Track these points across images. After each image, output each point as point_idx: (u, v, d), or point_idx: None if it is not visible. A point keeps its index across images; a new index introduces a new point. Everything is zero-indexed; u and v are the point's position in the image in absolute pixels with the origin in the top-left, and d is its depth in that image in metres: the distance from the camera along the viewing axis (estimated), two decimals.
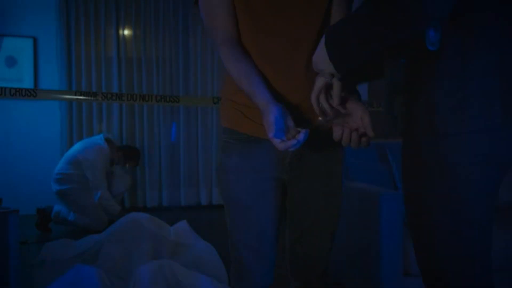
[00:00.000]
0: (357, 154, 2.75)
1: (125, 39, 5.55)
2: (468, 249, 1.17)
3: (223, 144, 1.44)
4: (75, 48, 5.29)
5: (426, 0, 0.99)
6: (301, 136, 1.16)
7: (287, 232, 1.50)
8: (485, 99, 1.07)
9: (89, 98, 3.76)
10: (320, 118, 1.25)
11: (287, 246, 1.51)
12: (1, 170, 4.95)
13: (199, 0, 1.38)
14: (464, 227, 1.16)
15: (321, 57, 1.19)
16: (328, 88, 1.24)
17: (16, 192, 4.38)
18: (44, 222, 4.30)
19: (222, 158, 1.43)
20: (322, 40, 1.19)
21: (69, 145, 4.97)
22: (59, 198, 4.34)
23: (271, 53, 1.34)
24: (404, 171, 1.24)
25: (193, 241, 3.41)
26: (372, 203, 2.40)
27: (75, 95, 3.91)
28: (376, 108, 3.95)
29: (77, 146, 4.49)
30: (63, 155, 4.62)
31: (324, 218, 1.44)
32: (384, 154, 2.82)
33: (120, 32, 5.49)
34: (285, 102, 1.30)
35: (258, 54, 1.34)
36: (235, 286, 1.48)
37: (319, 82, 1.22)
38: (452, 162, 1.11)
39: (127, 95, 4.22)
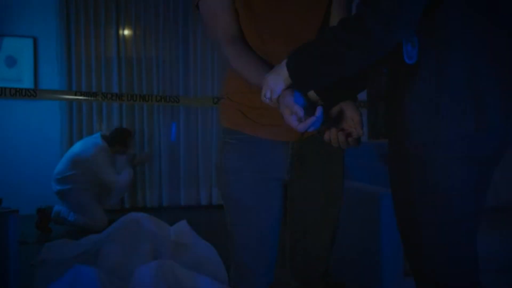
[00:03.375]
0: (357, 154, 2.75)
1: (125, 39, 5.54)
2: (453, 247, 1.23)
3: (222, 144, 1.43)
4: (75, 48, 5.28)
5: (390, 24, 1.06)
6: (318, 112, 1.13)
7: (287, 232, 1.50)
8: (458, 108, 1.15)
9: (89, 98, 3.76)
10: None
11: (288, 246, 1.50)
12: (1, 170, 4.95)
13: (199, 3, 1.37)
14: (448, 226, 1.21)
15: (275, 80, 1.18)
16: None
17: (16, 192, 4.37)
18: (44, 222, 4.30)
19: (222, 158, 1.42)
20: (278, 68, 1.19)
21: (69, 145, 4.96)
22: (60, 198, 4.35)
23: (271, 54, 1.33)
24: (389, 174, 1.30)
25: (193, 241, 3.41)
26: (372, 203, 2.40)
27: (75, 95, 3.92)
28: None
29: (76, 146, 4.49)
30: (63, 155, 4.62)
31: (324, 218, 1.44)
32: (384, 154, 2.81)
33: (120, 32, 5.49)
34: None
35: (259, 54, 1.33)
36: (235, 287, 1.48)
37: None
38: (431, 167, 1.18)
39: (127, 95, 4.23)
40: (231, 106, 1.40)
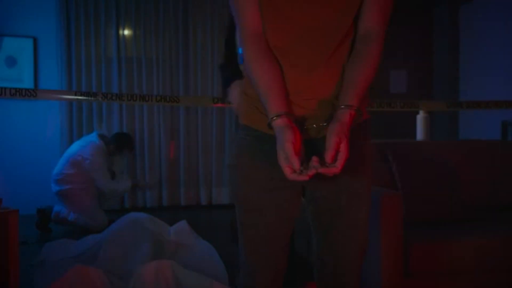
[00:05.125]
0: None
1: (125, 39, 5.54)
2: None
3: (238, 141, 1.38)
4: (75, 48, 5.28)
5: None
6: (312, 172, 1.12)
7: (314, 239, 1.41)
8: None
9: (89, 98, 3.76)
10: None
11: (315, 254, 1.41)
12: (1, 170, 4.95)
13: None
14: None
15: None
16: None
17: (16, 192, 4.37)
18: (44, 222, 4.30)
19: (236, 155, 1.38)
20: None
21: (69, 145, 4.97)
22: (59, 199, 4.34)
23: (287, 47, 1.26)
24: None
25: (193, 241, 3.41)
26: (372, 203, 2.39)
27: (75, 95, 3.90)
28: (376, 108, 3.95)
29: (74, 147, 4.50)
30: (63, 155, 4.62)
31: (347, 222, 1.34)
32: (384, 154, 2.81)
33: (120, 32, 5.49)
34: (297, 101, 1.25)
35: (274, 46, 1.27)
36: None
37: None
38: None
39: (127, 95, 4.22)
40: (247, 102, 1.36)
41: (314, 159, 1.13)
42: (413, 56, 6.27)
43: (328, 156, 1.13)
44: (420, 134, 4.07)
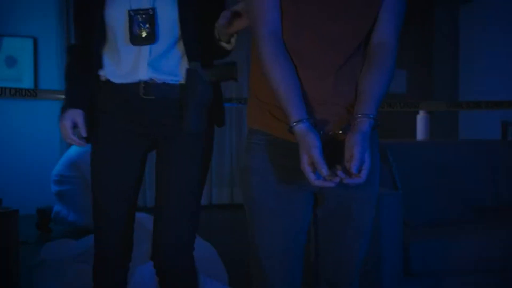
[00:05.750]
0: None
1: None
2: None
3: (247, 145, 1.36)
4: None
5: None
6: (337, 179, 1.14)
7: (318, 239, 1.42)
8: None
9: None
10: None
11: (319, 254, 1.43)
12: (1, 170, 4.95)
13: None
14: None
15: None
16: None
17: (16, 192, 4.37)
18: (44, 222, 4.30)
19: (246, 158, 1.35)
20: None
21: (69, 145, 4.96)
22: (59, 199, 4.34)
23: (304, 51, 1.26)
24: None
25: None
26: None
27: None
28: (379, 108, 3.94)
29: (74, 148, 4.49)
30: (63, 155, 4.61)
31: (355, 227, 1.36)
32: (384, 154, 2.81)
33: None
34: (312, 106, 1.25)
35: (291, 49, 1.26)
36: None
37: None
38: None
39: None
40: (258, 105, 1.33)
41: (338, 167, 1.15)
42: (413, 56, 6.27)
43: (353, 167, 1.14)
44: (420, 134, 4.07)
